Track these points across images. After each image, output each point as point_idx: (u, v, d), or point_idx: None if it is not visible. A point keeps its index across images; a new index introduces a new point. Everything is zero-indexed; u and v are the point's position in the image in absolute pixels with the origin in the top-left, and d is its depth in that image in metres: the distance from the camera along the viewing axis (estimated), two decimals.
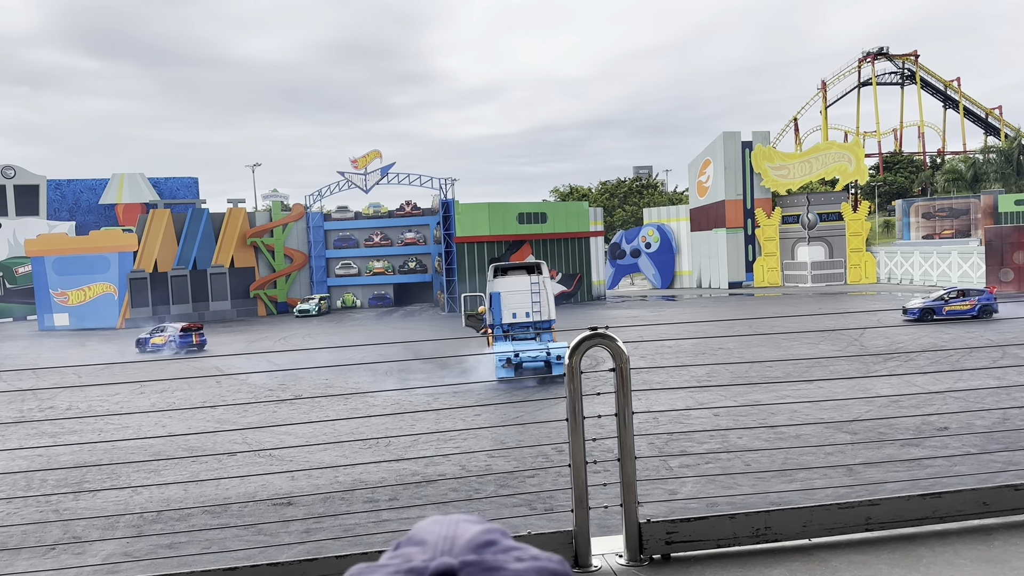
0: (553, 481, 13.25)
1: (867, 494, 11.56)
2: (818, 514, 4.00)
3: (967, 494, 4.12)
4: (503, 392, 23.37)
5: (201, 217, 59.01)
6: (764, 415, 17.75)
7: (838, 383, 20.73)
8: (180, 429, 19.74)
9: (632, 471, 3.91)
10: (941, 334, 29.58)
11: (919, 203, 72.08)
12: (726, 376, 23.42)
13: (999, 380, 20.08)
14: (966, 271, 52.64)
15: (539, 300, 29.54)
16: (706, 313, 46.14)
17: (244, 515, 12.82)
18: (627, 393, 3.90)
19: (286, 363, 29.28)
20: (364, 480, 14.36)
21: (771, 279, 63.89)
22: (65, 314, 55.34)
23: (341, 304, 62.90)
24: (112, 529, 12.50)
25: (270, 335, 44.55)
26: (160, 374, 28.92)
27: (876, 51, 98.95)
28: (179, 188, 75.84)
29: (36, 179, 68.43)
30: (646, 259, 69.83)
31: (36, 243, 56.88)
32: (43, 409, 23.64)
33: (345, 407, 21.34)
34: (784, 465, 13.82)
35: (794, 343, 29.02)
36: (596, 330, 3.93)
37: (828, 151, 65.49)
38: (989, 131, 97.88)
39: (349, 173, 61.00)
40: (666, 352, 27.81)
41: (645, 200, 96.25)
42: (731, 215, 64.09)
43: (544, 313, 29.71)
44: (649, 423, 17.10)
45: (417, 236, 63.44)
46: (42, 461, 16.75)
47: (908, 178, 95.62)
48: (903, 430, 15.98)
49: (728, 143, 64.44)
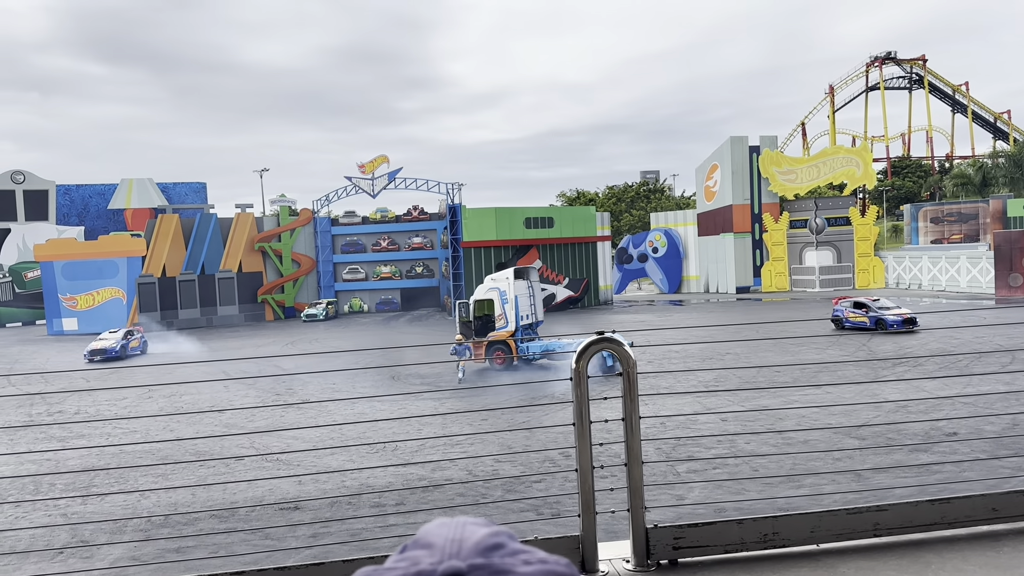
0: (560, 486, 13.23)
1: (875, 499, 11.52)
2: (826, 519, 3.98)
3: (976, 500, 4.10)
4: (510, 396, 23.35)
5: (209, 222, 59.23)
6: (772, 420, 17.70)
7: (846, 388, 20.65)
8: (188, 433, 19.80)
9: (639, 476, 3.90)
10: (950, 339, 29.45)
11: (927, 208, 71.85)
12: (734, 381, 23.36)
13: (1008, 385, 19.97)
14: (975, 276, 52.42)
15: (535, 303, 30.10)
16: (713, 318, 46.06)
17: (251, 519, 12.84)
18: (634, 398, 3.89)
19: (291, 366, 29.34)
20: (371, 485, 14.36)
21: (779, 284, 63.73)
22: (74, 319, 55.57)
23: (348, 309, 63.02)
24: (120, 533, 12.54)
25: (277, 339, 44.64)
26: (167, 378, 29.01)
27: (884, 55, 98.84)
28: (187, 193, 76.14)
29: (45, 184, 68.82)
30: (653, 264, 69.76)
31: (45, 248, 57.17)
32: (52, 413, 23.73)
33: (352, 411, 21.36)
34: (792, 470, 13.77)
35: (802, 347, 28.93)
36: (603, 334, 3.93)
37: (836, 155, 65.33)
38: (998, 135, 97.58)
39: (356, 178, 61.18)
40: (673, 356, 27.76)
41: (652, 205, 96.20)
42: (739, 220, 64.00)
43: (538, 315, 30.42)
44: (656, 427, 17.07)
45: (424, 241, 63.54)
46: (50, 465, 16.81)
47: (916, 183, 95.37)
48: (912, 435, 15.91)
49: (735, 148, 64.36)
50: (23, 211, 67.58)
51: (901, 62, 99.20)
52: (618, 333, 4.21)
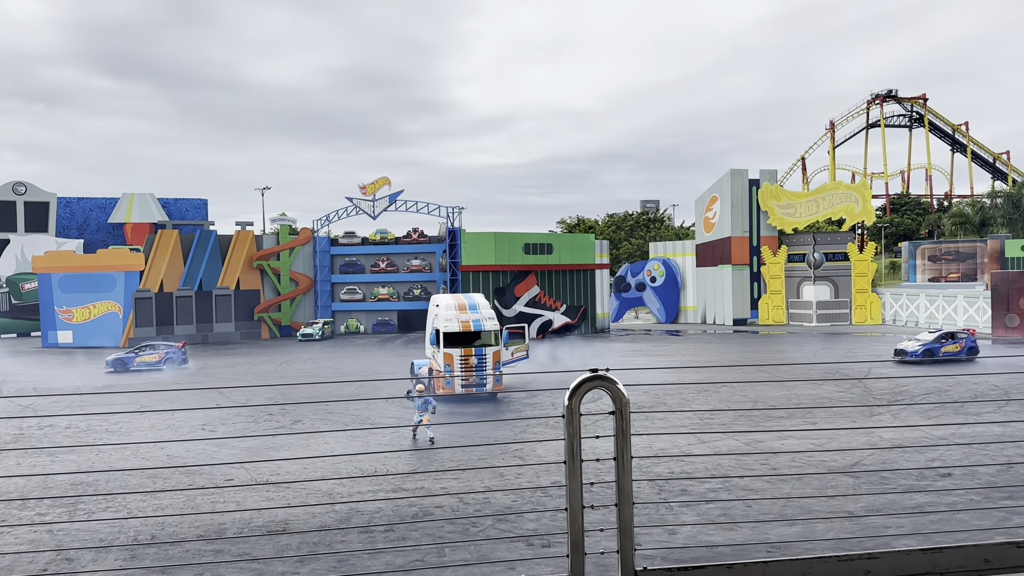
0: (552, 517, 13.13)
1: (868, 539, 11.44)
2: (817, 566, 3.94)
3: (968, 550, 4.07)
4: (503, 427, 23.25)
5: (209, 239, 59.26)
6: (766, 457, 17.62)
7: (841, 426, 20.58)
8: (178, 451, 19.67)
9: (629, 517, 3.86)
10: (945, 378, 29.44)
11: (925, 246, 72.09)
12: (729, 416, 23.29)
13: (1004, 427, 19.94)
14: (972, 315, 52.47)
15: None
16: (710, 349, 46.00)
17: (238, 542, 12.71)
18: (626, 436, 3.87)
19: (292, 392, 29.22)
20: (360, 510, 14.24)
21: (776, 317, 63.77)
22: (69, 331, 55.42)
23: (344, 329, 62.90)
24: (106, 551, 12.41)
25: (272, 358, 44.51)
26: (158, 396, 28.88)
27: (885, 93, 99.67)
28: (188, 209, 76.30)
29: (47, 196, 68.96)
30: (651, 293, 69.81)
31: (43, 260, 57.14)
32: (42, 427, 23.58)
33: (345, 435, 21.24)
34: (785, 507, 13.69)
35: (797, 384, 28.88)
36: (596, 372, 3.91)
37: (835, 191, 65.67)
38: (997, 176, 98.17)
39: (357, 199, 61.34)
40: (669, 390, 27.68)
41: (651, 234, 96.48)
42: (737, 252, 64.18)
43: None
44: (650, 462, 16.98)
45: (423, 263, 63.60)
46: (38, 481, 16.67)
47: (915, 220, 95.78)
48: (906, 474, 15.83)
49: (735, 180, 64.70)
50: (23, 222, 67.65)
51: (902, 100, 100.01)
52: (612, 371, 4.19)
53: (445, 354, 28.32)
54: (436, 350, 29.30)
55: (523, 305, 55.95)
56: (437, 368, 28.86)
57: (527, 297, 57.42)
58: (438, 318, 29.35)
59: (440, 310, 29.57)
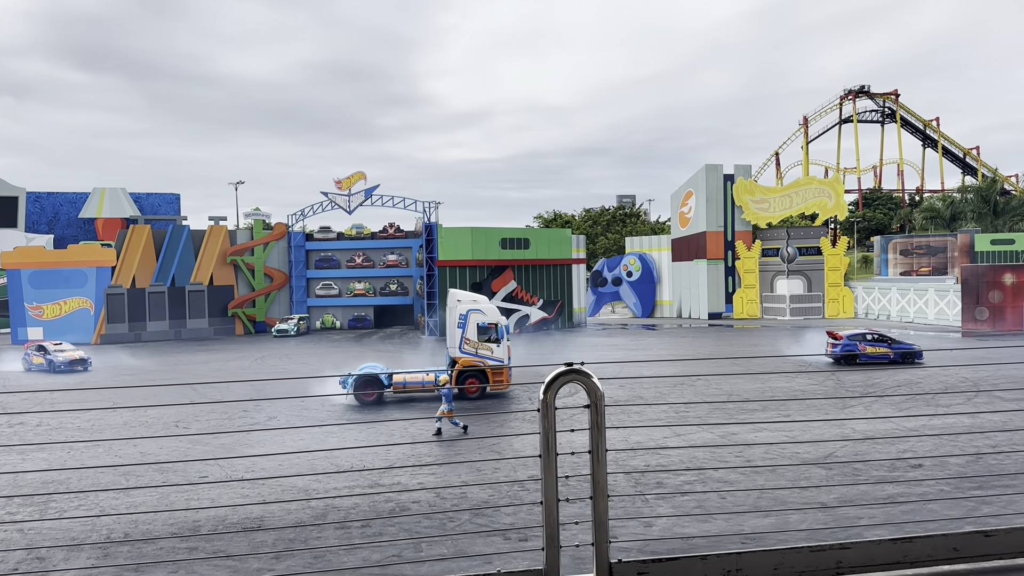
0: (528, 511, 13.15)
1: (840, 529, 11.58)
2: (789, 557, 3.99)
3: (937, 539, 4.13)
4: (480, 421, 23.25)
5: (181, 234, 58.65)
6: (740, 449, 17.77)
7: (814, 418, 20.80)
8: (151, 448, 19.47)
9: (604, 510, 3.88)
10: (917, 371, 29.83)
11: (897, 240, 73.01)
12: (703, 409, 23.46)
13: (973, 418, 20.25)
14: (942, 309, 53.22)
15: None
16: (685, 343, 46.29)
17: (213, 539, 12.61)
18: (601, 430, 3.88)
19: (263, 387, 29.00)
20: (337, 506, 14.19)
21: (750, 311, 64.28)
22: (39, 328, 54.63)
23: (320, 325, 62.58)
24: (78, 550, 12.26)
25: (246, 354, 44.17)
26: (132, 393, 28.56)
27: (858, 89, 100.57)
28: (160, 204, 75.48)
29: (15, 191, 67.86)
30: (627, 288, 70.08)
31: (12, 255, 56.24)
32: (12, 425, 23.24)
33: (320, 431, 21.14)
34: (759, 499, 13.81)
35: (771, 377, 29.14)
36: (571, 366, 3.92)
37: (808, 186, 66.28)
38: (967, 171, 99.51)
39: (333, 194, 60.97)
40: (645, 383, 27.83)
41: (628, 229, 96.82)
42: (712, 246, 64.59)
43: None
44: (626, 455, 17.06)
45: (399, 258, 63.39)
46: (8, 479, 16.43)
47: (887, 215, 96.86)
48: (878, 465, 16.04)
49: (710, 175, 65.10)
50: None
51: (874, 96, 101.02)
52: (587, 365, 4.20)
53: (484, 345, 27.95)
54: (478, 342, 28.58)
55: (500, 300, 55.93)
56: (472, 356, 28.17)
57: (504, 292, 57.43)
58: (479, 312, 28.69)
59: (481, 304, 29.14)
